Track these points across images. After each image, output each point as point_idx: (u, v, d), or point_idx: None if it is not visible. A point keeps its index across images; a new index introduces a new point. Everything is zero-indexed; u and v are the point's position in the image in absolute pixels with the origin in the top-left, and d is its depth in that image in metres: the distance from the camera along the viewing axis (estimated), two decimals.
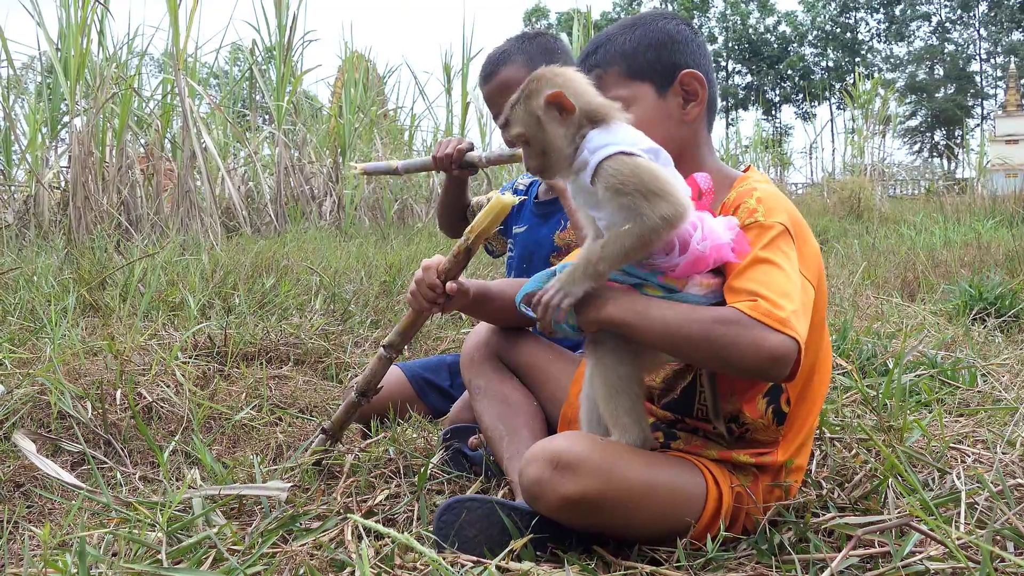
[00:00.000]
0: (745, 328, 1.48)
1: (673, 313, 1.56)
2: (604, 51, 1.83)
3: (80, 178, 6.67)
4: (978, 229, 8.25)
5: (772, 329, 1.48)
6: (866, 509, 1.81)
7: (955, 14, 55.07)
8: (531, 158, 1.65)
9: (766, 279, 1.54)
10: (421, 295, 1.97)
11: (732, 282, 1.58)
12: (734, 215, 1.66)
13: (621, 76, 1.81)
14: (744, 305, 1.50)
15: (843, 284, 5.11)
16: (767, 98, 57.07)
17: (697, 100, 1.80)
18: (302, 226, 8.55)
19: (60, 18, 7.30)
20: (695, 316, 1.54)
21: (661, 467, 1.65)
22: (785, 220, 1.63)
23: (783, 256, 1.58)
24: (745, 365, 1.51)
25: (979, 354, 3.18)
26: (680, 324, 1.54)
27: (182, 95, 7.35)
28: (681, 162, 1.80)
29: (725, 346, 1.50)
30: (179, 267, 4.74)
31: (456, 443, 2.16)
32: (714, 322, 1.51)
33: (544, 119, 1.60)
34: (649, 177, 1.53)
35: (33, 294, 3.96)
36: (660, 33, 1.81)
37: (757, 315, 1.48)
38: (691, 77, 1.79)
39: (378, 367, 2.19)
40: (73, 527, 1.79)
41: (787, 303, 1.50)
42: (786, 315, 1.49)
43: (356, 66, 11.38)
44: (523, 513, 1.65)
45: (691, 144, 1.83)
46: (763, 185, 1.73)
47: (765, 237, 1.60)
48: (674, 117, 1.81)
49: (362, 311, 4.19)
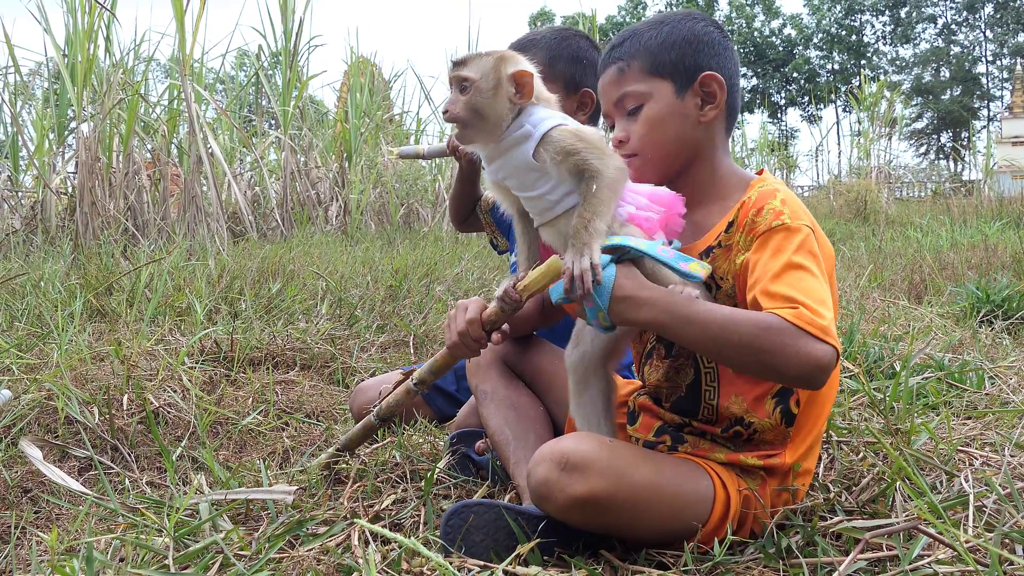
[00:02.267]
0: (792, 337, 1.49)
1: (715, 318, 1.55)
2: (629, 44, 1.83)
3: (87, 183, 6.69)
4: (985, 231, 8.23)
5: (817, 338, 1.49)
6: (874, 512, 1.80)
7: (961, 16, 54.97)
8: (463, 110, 1.71)
9: (802, 286, 1.55)
10: (466, 346, 1.92)
11: (768, 286, 1.57)
12: (758, 215, 1.66)
13: (642, 71, 1.80)
14: (787, 313, 1.50)
15: (850, 287, 5.10)
16: (773, 101, 57.02)
17: (715, 103, 1.80)
18: (308, 231, 8.56)
19: (67, 24, 7.34)
20: (740, 321, 1.53)
21: (669, 469, 1.65)
22: (809, 222, 1.65)
23: (814, 261, 1.60)
24: (791, 373, 1.52)
25: (986, 356, 3.17)
26: (725, 329, 1.53)
27: (188, 101, 7.38)
28: (695, 163, 1.81)
29: (772, 353, 1.51)
30: (186, 272, 4.75)
31: (463, 448, 2.16)
32: (760, 329, 1.51)
33: (502, 86, 1.70)
34: (594, 138, 1.70)
35: (40, 300, 3.97)
36: (686, 33, 1.81)
37: (802, 324, 1.49)
38: (711, 79, 1.79)
39: (403, 398, 2.14)
40: (80, 533, 1.79)
41: (825, 311, 1.52)
42: (827, 323, 1.51)
43: (362, 71, 11.41)
44: (530, 517, 1.65)
45: (706, 146, 1.82)
46: (782, 187, 1.74)
47: (795, 240, 1.61)
48: (690, 117, 1.80)
49: (368, 316, 4.19)
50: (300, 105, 10.23)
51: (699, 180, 1.83)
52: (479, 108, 1.70)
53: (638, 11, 57.79)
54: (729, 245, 1.71)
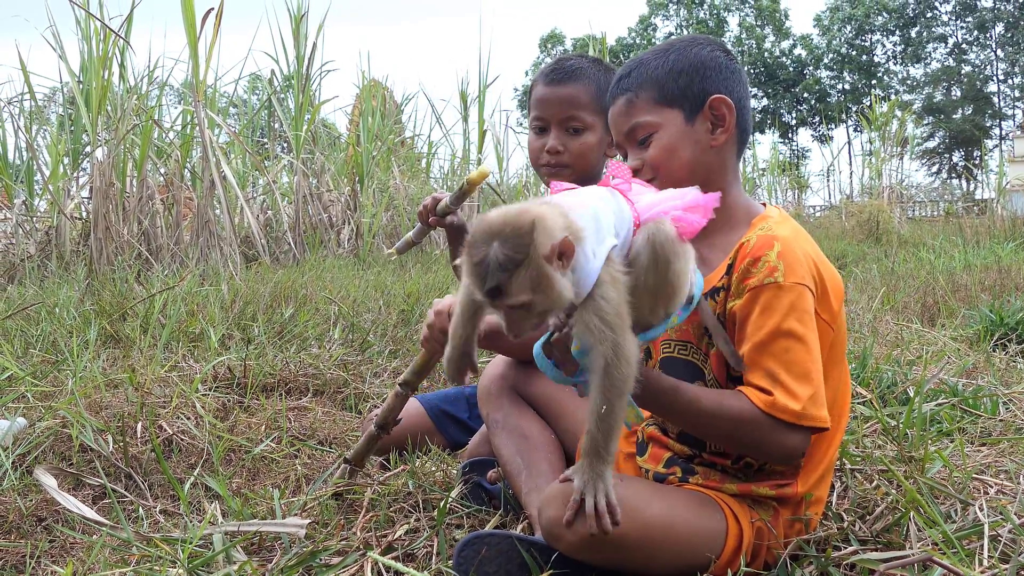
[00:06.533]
0: (766, 431, 1.58)
1: (699, 410, 1.62)
2: (637, 75, 1.83)
3: (102, 209, 6.75)
4: (998, 252, 8.19)
5: (791, 427, 1.57)
6: (888, 542, 1.79)
7: (971, 35, 54.95)
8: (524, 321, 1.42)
9: (787, 359, 1.59)
10: (434, 339, 1.99)
11: (753, 355, 1.61)
12: (753, 266, 1.65)
13: (651, 102, 1.81)
14: (761, 401, 1.57)
15: (862, 310, 5.08)
16: (783, 121, 57.03)
17: (725, 126, 1.80)
18: (320, 254, 8.60)
19: (82, 51, 7.41)
20: (720, 415, 1.61)
21: (681, 504, 1.65)
22: (804, 276, 1.64)
23: (801, 325, 1.60)
24: (767, 459, 1.69)
25: (1001, 381, 3.15)
26: (708, 424, 1.63)
27: (201, 126, 7.43)
28: (706, 188, 1.80)
29: (748, 446, 1.65)
30: (199, 298, 4.77)
31: (475, 477, 2.16)
32: (738, 423, 1.59)
33: (549, 272, 1.38)
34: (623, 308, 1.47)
35: (55, 326, 3.99)
36: (693, 59, 1.81)
37: (775, 413, 1.57)
38: (720, 102, 1.79)
39: (395, 403, 2.25)
40: (95, 565, 1.80)
41: (805, 389, 1.58)
42: (801, 407, 1.57)
43: (373, 94, 11.47)
44: (543, 548, 1.65)
45: (718, 171, 1.82)
46: (783, 230, 1.71)
47: (785, 301, 1.61)
48: (702, 143, 1.80)
49: (381, 341, 4.20)
50: (312, 129, 10.29)
51: None
52: (546, 310, 1.43)
53: (648, 33, 58.02)
54: (728, 288, 1.71)
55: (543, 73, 2.50)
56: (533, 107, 2.51)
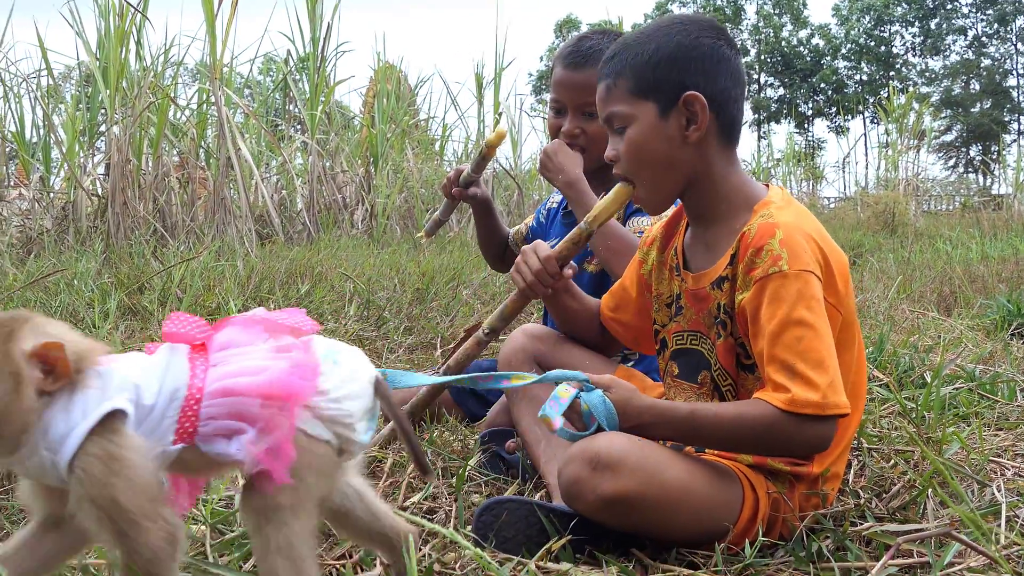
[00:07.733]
0: (793, 428, 1.57)
1: (721, 427, 1.62)
2: (618, 60, 1.78)
3: (119, 185, 6.77)
4: (1016, 245, 8.15)
5: (815, 419, 1.56)
6: (905, 519, 1.80)
7: (992, 28, 54.48)
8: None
9: (801, 348, 1.57)
10: (541, 281, 1.99)
11: (768, 348, 1.60)
12: (756, 256, 1.64)
13: (628, 92, 1.76)
14: (780, 401, 1.56)
15: (878, 298, 5.07)
16: (800, 111, 56.69)
17: (697, 124, 1.74)
18: (334, 234, 8.61)
19: (99, 28, 7.42)
20: (743, 427, 1.60)
21: (699, 469, 1.66)
22: (809, 262, 1.62)
23: (810, 313, 1.59)
24: (798, 455, 1.71)
25: (1018, 369, 3.14)
26: (731, 437, 1.64)
27: (219, 104, 7.44)
28: (695, 184, 1.79)
29: (778, 448, 1.66)
30: (215, 272, 4.79)
31: (494, 446, 2.17)
32: (762, 429, 1.59)
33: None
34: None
35: (74, 297, 4.02)
36: (673, 48, 1.74)
37: (797, 409, 1.55)
38: (693, 99, 1.72)
39: (474, 350, 2.21)
40: None
41: (822, 377, 1.55)
42: (820, 397, 1.54)
43: (388, 76, 11.46)
44: (561, 515, 1.66)
45: (701, 166, 1.78)
46: (784, 216, 1.68)
47: (792, 290, 1.60)
48: (675, 139, 1.75)
49: (396, 318, 4.22)
50: (327, 110, 10.28)
51: (702, 200, 1.81)
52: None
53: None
54: (733, 278, 1.71)
55: (562, 54, 2.51)
56: (552, 88, 2.53)
